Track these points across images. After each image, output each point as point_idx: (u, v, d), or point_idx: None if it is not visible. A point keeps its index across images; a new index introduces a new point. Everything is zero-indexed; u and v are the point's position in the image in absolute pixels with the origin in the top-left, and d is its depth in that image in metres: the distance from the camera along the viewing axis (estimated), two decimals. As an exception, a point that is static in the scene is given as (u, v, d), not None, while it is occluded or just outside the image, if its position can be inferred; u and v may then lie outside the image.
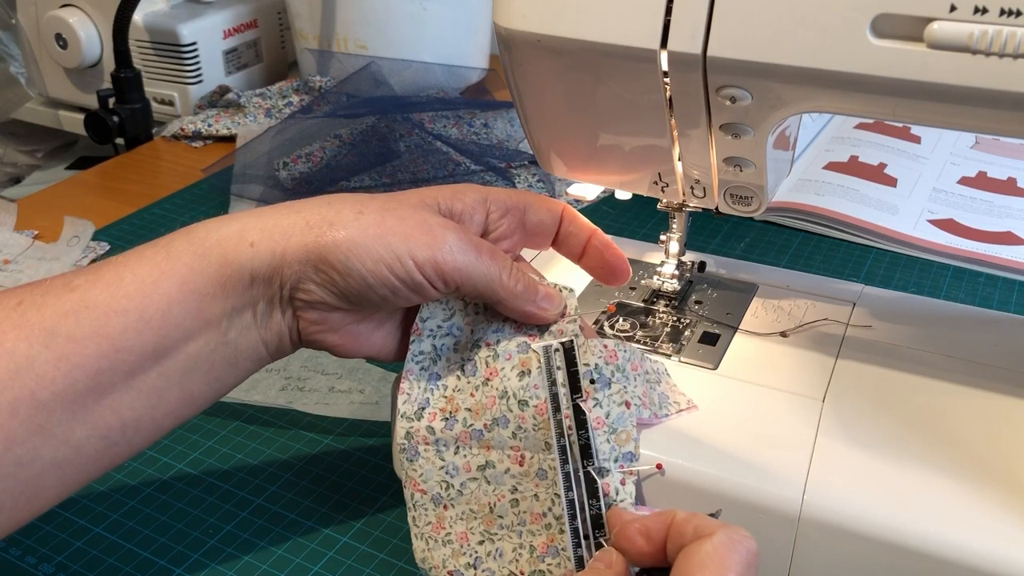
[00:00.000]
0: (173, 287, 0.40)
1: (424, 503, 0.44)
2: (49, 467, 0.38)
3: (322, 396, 0.61)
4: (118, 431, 0.39)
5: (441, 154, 0.91)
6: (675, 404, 0.46)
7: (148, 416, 0.40)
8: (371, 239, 0.41)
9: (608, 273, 0.49)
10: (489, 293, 0.43)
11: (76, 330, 0.38)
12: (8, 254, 0.81)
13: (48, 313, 0.38)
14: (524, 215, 0.47)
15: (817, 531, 0.41)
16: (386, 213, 0.42)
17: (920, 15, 0.36)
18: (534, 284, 0.44)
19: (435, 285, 0.42)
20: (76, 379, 0.37)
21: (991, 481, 0.42)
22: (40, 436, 0.37)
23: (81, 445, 0.38)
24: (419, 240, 0.41)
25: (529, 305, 0.44)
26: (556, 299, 0.44)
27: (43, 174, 1.31)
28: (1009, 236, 0.79)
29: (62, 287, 0.39)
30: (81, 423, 0.38)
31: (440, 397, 0.44)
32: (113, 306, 0.38)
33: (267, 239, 0.41)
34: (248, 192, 0.87)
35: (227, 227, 0.42)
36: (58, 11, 1.12)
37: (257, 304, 0.42)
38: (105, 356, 0.38)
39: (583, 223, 0.49)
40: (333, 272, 0.41)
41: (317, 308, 0.43)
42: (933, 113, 0.39)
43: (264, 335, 0.43)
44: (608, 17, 0.41)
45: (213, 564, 0.51)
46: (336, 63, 1.08)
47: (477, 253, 0.42)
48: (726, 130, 0.44)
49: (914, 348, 0.50)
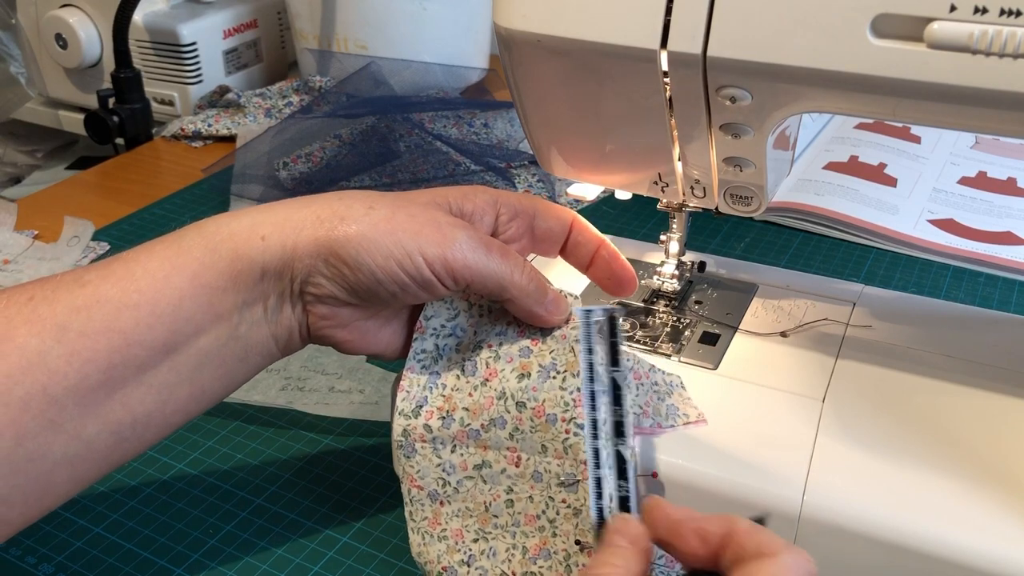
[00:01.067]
0: (184, 281, 0.40)
1: (421, 499, 0.45)
2: (60, 462, 0.38)
3: (322, 396, 0.61)
4: (128, 426, 0.40)
5: (441, 154, 0.91)
6: (683, 416, 0.45)
7: (158, 411, 0.41)
8: (382, 234, 0.41)
9: (615, 284, 0.50)
10: (499, 291, 0.43)
11: (88, 325, 0.38)
12: (8, 254, 0.81)
13: (60, 308, 0.38)
14: (533, 220, 0.47)
15: (817, 531, 0.41)
16: (397, 209, 0.42)
17: (920, 15, 0.36)
18: (544, 285, 0.44)
19: (444, 282, 0.42)
20: (88, 374, 0.38)
21: (991, 481, 0.42)
22: (52, 431, 0.37)
23: (92, 440, 0.39)
24: (429, 237, 0.41)
25: (538, 306, 0.43)
26: (563, 305, 0.45)
27: (43, 174, 1.32)
28: (1009, 236, 0.79)
29: (73, 282, 0.39)
30: (93, 418, 0.38)
31: (438, 396, 0.44)
32: (125, 300, 0.39)
33: (278, 233, 0.41)
34: (248, 192, 0.87)
35: (238, 221, 0.42)
36: (58, 11, 1.12)
37: (268, 298, 0.42)
38: (117, 351, 0.38)
39: (592, 234, 0.49)
40: (343, 266, 0.41)
41: (327, 303, 0.43)
42: (933, 113, 0.39)
43: (274, 330, 0.43)
44: (608, 17, 0.41)
45: (213, 564, 0.51)
46: (336, 63, 1.08)
47: (487, 251, 0.42)
48: (726, 130, 0.44)
49: (914, 348, 0.50)
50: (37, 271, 0.78)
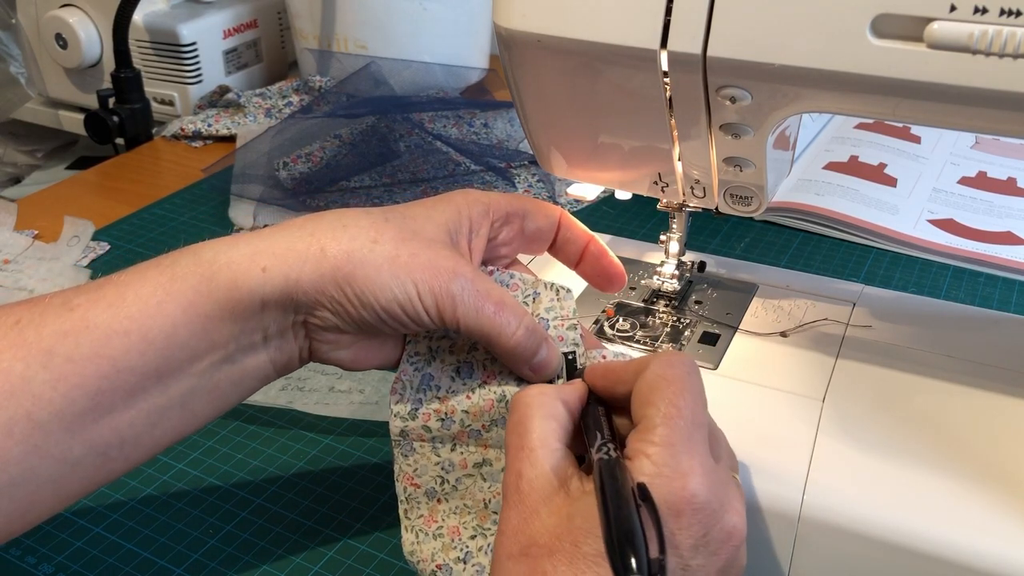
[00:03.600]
0: (178, 309, 0.39)
1: (417, 496, 0.45)
2: (45, 484, 0.37)
3: (322, 396, 0.61)
4: (116, 448, 0.39)
5: (441, 154, 0.91)
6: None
7: (148, 434, 0.40)
8: (386, 276, 0.40)
9: (604, 280, 0.50)
10: (487, 344, 0.43)
11: (75, 351, 0.37)
12: (8, 254, 0.81)
13: (47, 333, 0.37)
14: (523, 221, 0.47)
15: (817, 531, 0.41)
16: (400, 245, 0.41)
17: (920, 15, 0.36)
18: (538, 342, 0.43)
19: (437, 324, 0.42)
20: (75, 399, 0.37)
21: (991, 481, 0.42)
22: (36, 456, 0.37)
23: (78, 462, 0.38)
24: (428, 283, 0.40)
25: (523, 365, 0.43)
26: (552, 365, 0.43)
27: (43, 174, 1.32)
28: (1009, 236, 0.79)
29: (61, 306, 0.38)
30: (79, 442, 0.38)
31: (433, 398, 0.44)
32: (115, 327, 0.38)
33: (280, 264, 0.40)
34: (248, 192, 0.87)
35: (236, 250, 0.40)
36: (58, 11, 1.12)
37: (268, 328, 0.41)
38: (106, 376, 0.37)
39: (580, 230, 0.49)
40: (347, 303, 0.41)
41: (331, 331, 0.42)
42: (933, 113, 0.39)
43: (273, 355, 0.43)
44: (608, 17, 0.41)
45: (213, 564, 0.51)
46: (336, 63, 1.08)
47: (481, 306, 0.41)
48: (726, 130, 0.44)
49: (914, 348, 0.50)
50: (37, 271, 0.78)
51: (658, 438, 0.36)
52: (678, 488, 0.35)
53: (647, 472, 0.35)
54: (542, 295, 0.45)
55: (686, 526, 0.35)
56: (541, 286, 0.45)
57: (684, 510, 0.35)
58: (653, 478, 0.35)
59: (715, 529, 0.35)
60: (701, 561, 0.35)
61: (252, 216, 0.84)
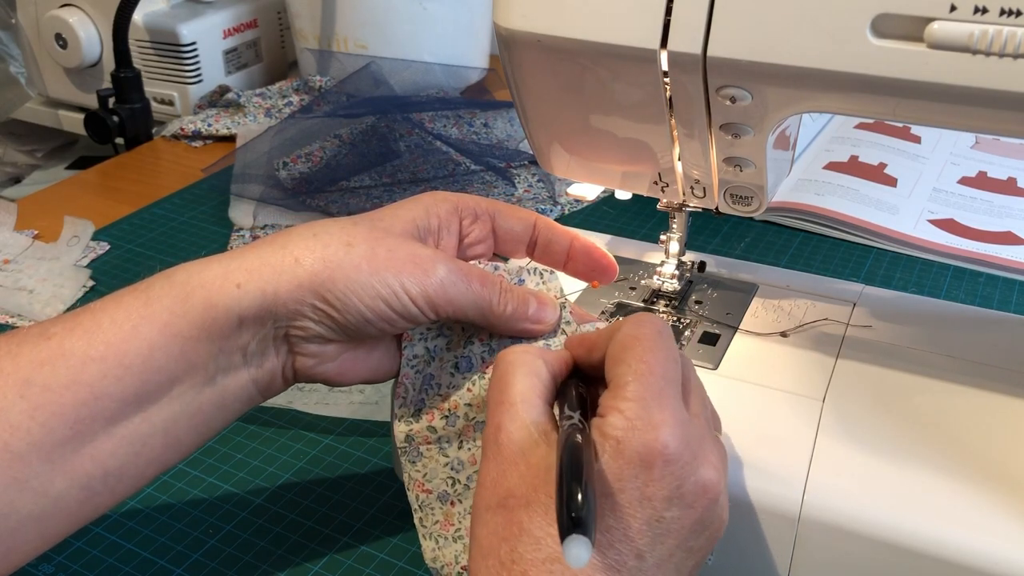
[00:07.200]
0: (154, 331, 0.39)
1: (430, 503, 0.44)
2: (26, 520, 0.37)
3: (322, 396, 0.61)
4: (100, 480, 0.38)
5: (441, 154, 0.91)
6: None
7: (131, 463, 0.39)
8: (366, 275, 0.40)
9: (597, 273, 0.50)
10: (481, 319, 0.43)
11: (52, 379, 0.37)
12: (8, 254, 0.81)
13: (23, 362, 0.37)
14: (494, 220, 0.48)
15: (817, 531, 0.41)
16: (375, 244, 0.41)
17: (920, 15, 0.36)
18: (524, 301, 0.44)
19: (427, 315, 0.42)
20: (53, 428, 0.37)
21: (991, 481, 0.42)
22: (16, 489, 0.36)
23: (60, 496, 0.37)
24: (410, 273, 0.41)
25: (522, 323, 0.43)
26: (548, 308, 0.44)
27: (43, 174, 1.32)
28: (1009, 236, 0.79)
29: (38, 335, 0.38)
30: (60, 474, 0.37)
31: (435, 396, 0.44)
32: (91, 353, 0.38)
33: (255, 279, 0.40)
34: (248, 192, 0.87)
35: (209, 270, 0.40)
36: (58, 11, 1.12)
37: (247, 345, 0.41)
38: (84, 403, 0.37)
39: (561, 230, 0.49)
40: (331, 309, 0.40)
41: (314, 342, 0.42)
42: (933, 113, 0.39)
43: (255, 374, 0.42)
44: (608, 17, 0.41)
45: (213, 564, 0.51)
46: (336, 63, 1.08)
47: (467, 283, 0.42)
48: (726, 130, 0.44)
49: (914, 348, 0.50)
50: (37, 271, 0.78)
51: (630, 393, 0.36)
52: (650, 440, 0.35)
53: (619, 426, 0.35)
54: (527, 280, 0.46)
55: (658, 477, 0.35)
56: (525, 272, 0.46)
57: (655, 462, 0.35)
58: (625, 432, 0.35)
59: (689, 482, 0.35)
60: (676, 513, 0.35)
61: (252, 216, 0.84)
